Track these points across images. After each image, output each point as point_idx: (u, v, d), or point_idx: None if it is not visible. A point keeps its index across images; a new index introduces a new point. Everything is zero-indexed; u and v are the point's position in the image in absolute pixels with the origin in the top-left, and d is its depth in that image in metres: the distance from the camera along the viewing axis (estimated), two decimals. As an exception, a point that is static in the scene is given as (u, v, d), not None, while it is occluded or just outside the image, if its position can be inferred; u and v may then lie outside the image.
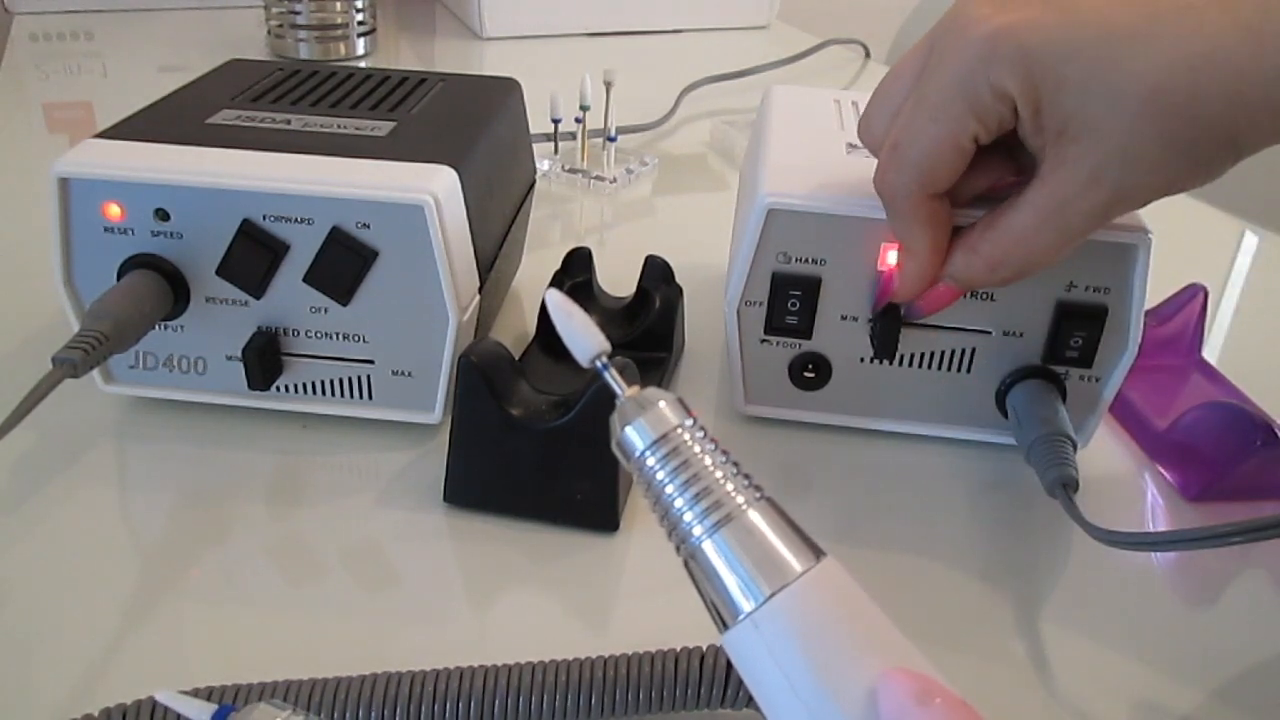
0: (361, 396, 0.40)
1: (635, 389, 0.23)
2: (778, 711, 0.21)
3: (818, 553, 0.22)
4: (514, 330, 0.49)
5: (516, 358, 0.37)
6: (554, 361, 0.44)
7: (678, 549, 0.23)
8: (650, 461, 0.22)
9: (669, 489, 0.22)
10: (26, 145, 0.73)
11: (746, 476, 0.23)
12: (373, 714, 0.27)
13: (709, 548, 0.22)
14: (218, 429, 0.41)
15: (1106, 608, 0.35)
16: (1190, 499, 0.40)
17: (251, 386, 0.39)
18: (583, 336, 0.23)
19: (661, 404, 0.23)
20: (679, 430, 0.23)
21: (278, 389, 0.41)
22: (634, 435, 0.23)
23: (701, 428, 0.23)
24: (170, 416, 0.41)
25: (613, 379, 0.23)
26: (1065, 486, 0.35)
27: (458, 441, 0.36)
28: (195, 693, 0.27)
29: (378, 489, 0.38)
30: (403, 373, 0.40)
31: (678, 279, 0.45)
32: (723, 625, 0.22)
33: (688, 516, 0.22)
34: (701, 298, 0.50)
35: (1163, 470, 0.42)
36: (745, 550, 0.22)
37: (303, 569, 0.35)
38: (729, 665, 0.28)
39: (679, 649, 0.29)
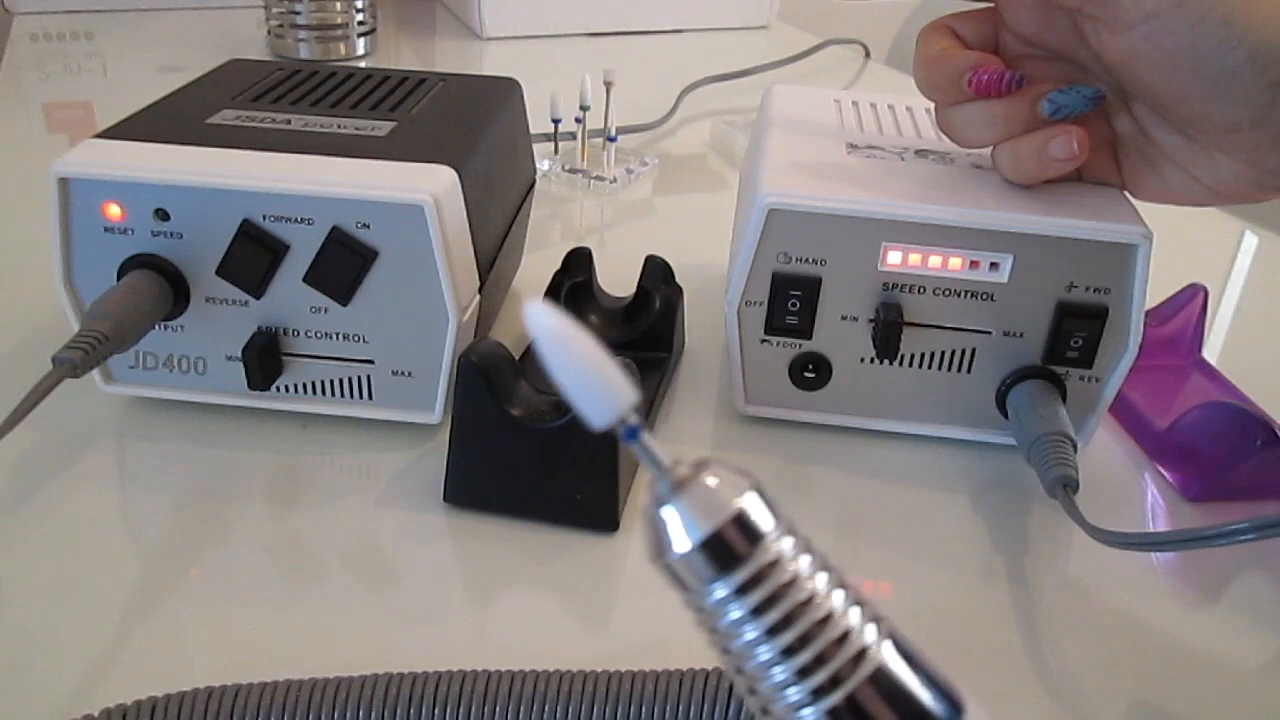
0: (361, 396, 0.40)
1: (687, 468, 0.15)
2: None
3: (960, 696, 0.16)
4: (514, 330, 0.49)
5: (516, 358, 0.37)
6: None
7: (759, 714, 0.16)
8: (720, 594, 0.15)
9: (749, 634, 0.15)
10: (26, 145, 0.73)
11: (863, 604, 0.15)
12: (371, 714, 0.27)
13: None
14: (218, 429, 0.41)
15: (1106, 608, 0.35)
16: (1190, 499, 0.40)
17: (251, 386, 0.39)
18: (596, 384, 0.15)
19: (748, 499, 0.15)
20: (773, 544, 0.14)
21: (278, 389, 0.41)
22: (694, 561, 0.14)
23: (796, 530, 0.15)
24: (170, 416, 0.41)
25: (647, 454, 0.16)
26: (1065, 486, 0.35)
27: (458, 441, 0.36)
28: (185, 695, 0.27)
29: (378, 489, 0.38)
30: (403, 373, 0.40)
31: (678, 279, 0.45)
32: None
33: (784, 678, 0.15)
34: (701, 298, 0.50)
35: (1163, 470, 0.42)
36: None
37: (303, 569, 0.35)
38: (730, 688, 0.27)
39: (685, 670, 0.28)
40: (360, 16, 0.95)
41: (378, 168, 0.38)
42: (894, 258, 0.38)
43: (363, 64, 0.95)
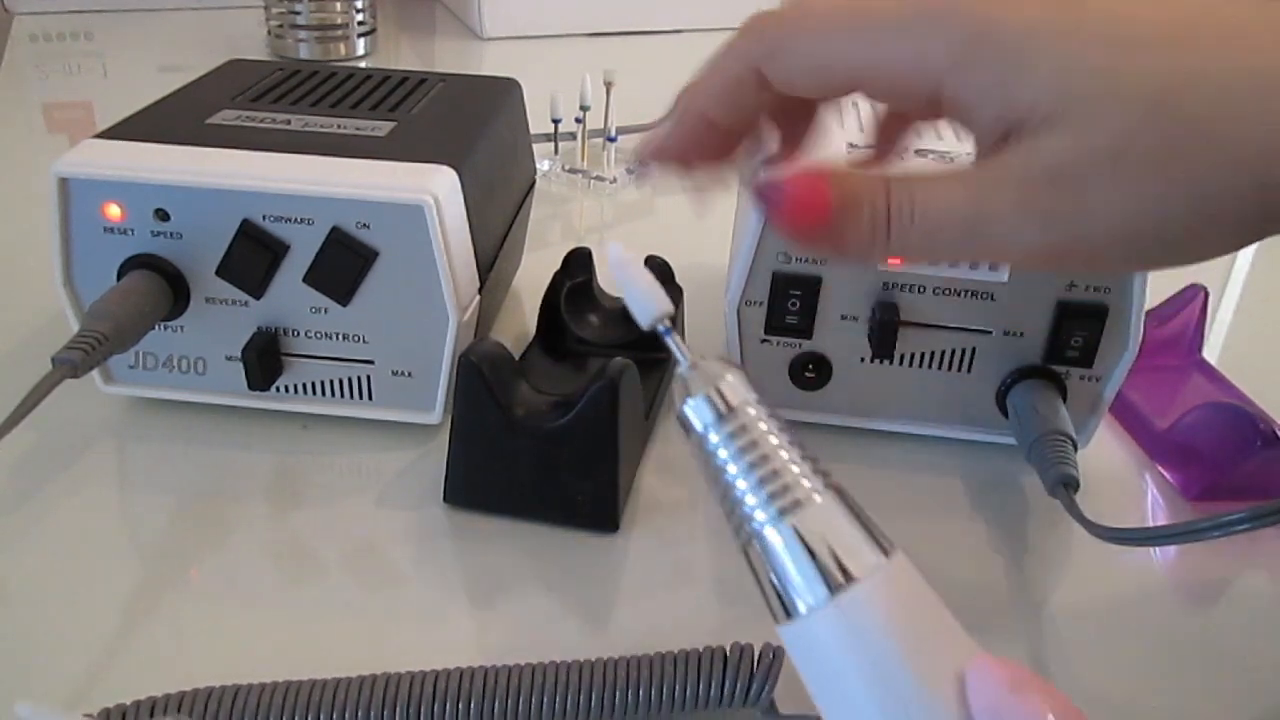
0: (361, 397, 0.40)
1: (699, 360, 0.22)
2: (848, 702, 0.20)
3: (890, 543, 0.22)
4: (514, 330, 0.49)
5: (516, 358, 0.37)
6: (554, 361, 0.44)
7: (736, 533, 0.21)
8: (714, 439, 0.21)
9: (731, 469, 0.21)
10: (26, 145, 0.73)
11: (814, 460, 0.22)
12: (371, 714, 0.27)
13: (780, 534, 0.20)
14: (218, 429, 0.41)
15: (1107, 608, 0.35)
16: (1191, 499, 0.40)
17: (251, 387, 0.39)
18: (646, 296, 0.22)
19: (729, 378, 0.21)
20: (747, 407, 0.21)
21: (278, 389, 0.40)
22: (696, 410, 0.21)
23: (767, 405, 0.22)
24: (170, 416, 0.41)
25: (676, 346, 0.22)
26: (1066, 486, 0.35)
27: (458, 441, 0.36)
28: (185, 695, 0.27)
29: (378, 489, 0.38)
30: (403, 373, 0.40)
31: (678, 279, 0.45)
32: (785, 614, 0.21)
33: (752, 501, 0.21)
34: (701, 298, 0.49)
35: (1163, 470, 0.42)
36: (826, 536, 0.21)
37: (303, 569, 0.35)
38: (739, 665, 0.28)
39: (678, 651, 0.29)
40: (360, 16, 0.95)
41: (378, 168, 0.38)
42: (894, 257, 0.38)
43: (363, 64, 0.95)
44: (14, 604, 0.33)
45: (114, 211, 0.37)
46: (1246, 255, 0.66)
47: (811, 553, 0.20)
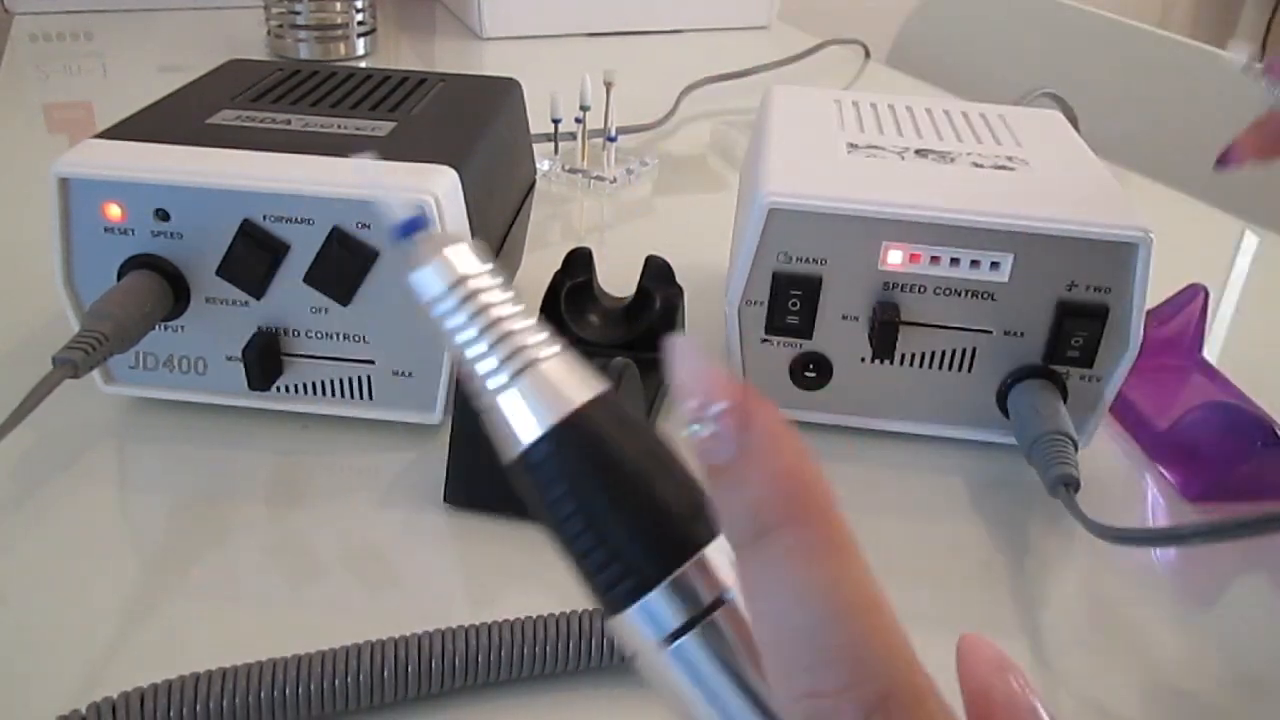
0: (362, 397, 0.40)
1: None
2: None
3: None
4: (514, 330, 0.49)
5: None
6: (554, 361, 0.44)
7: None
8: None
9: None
10: (26, 145, 0.73)
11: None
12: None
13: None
14: (218, 429, 0.41)
15: (1107, 608, 0.35)
16: (1191, 499, 0.40)
17: (252, 387, 0.39)
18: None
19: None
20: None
21: (278, 389, 0.40)
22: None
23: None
24: (170, 416, 0.41)
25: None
26: (1067, 486, 0.35)
27: (458, 441, 0.36)
28: (173, 682, 0.27)
29: (378, 489, 0.38)
30: (403, 373, 0.40)
31: (678, 279, 0.45)
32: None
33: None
34: (702, 298, 0.49)
35: (1163, 470, 0.42)
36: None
37: (303, 569, 0.35)
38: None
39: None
40: (360, 16, 0.95)
41: (378, 168, 0.38)
42: (894, 257, 0.38)
43: (363, 64, 0.95)
44: (14, 604, 0.33)
45: (114, 211, 0.37)
46: (1246, 255, 0.66)
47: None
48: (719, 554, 0.19)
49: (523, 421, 0.20)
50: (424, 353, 0.39)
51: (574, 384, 0.20)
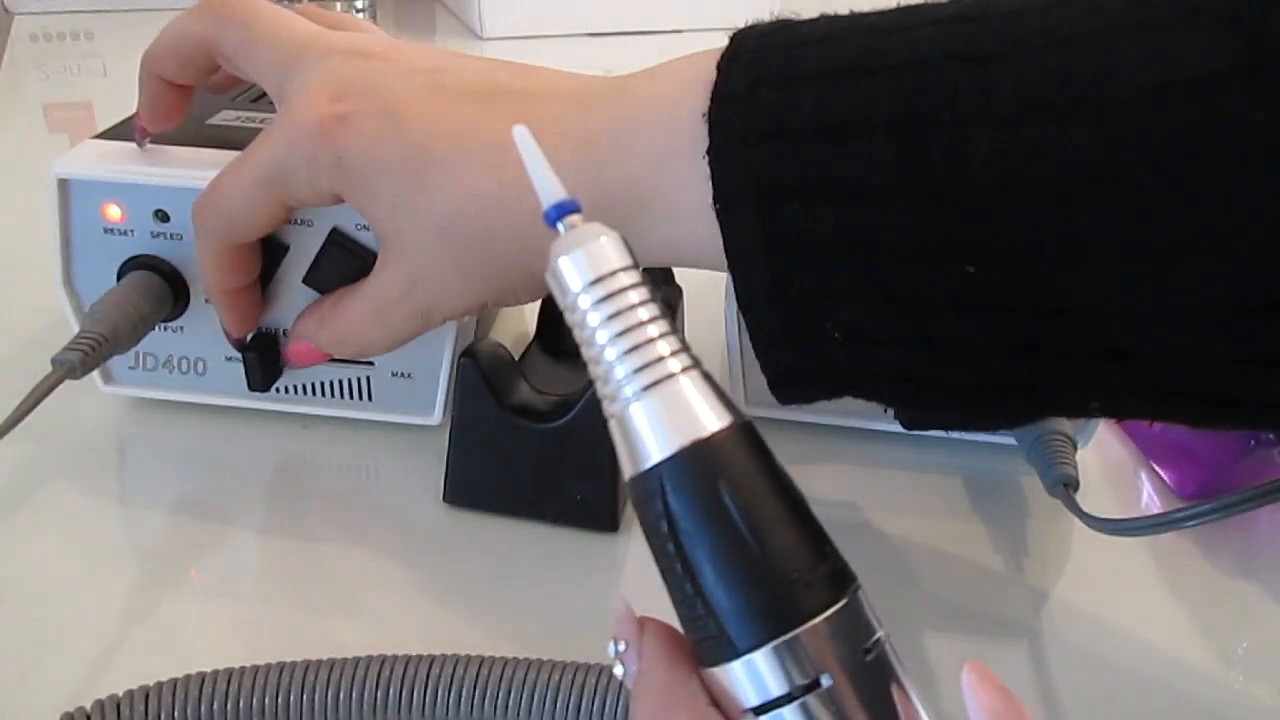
0: (361, 398, 0.40)
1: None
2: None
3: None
4: (514, 330, 0.49)
5: (516, 358, 0.37)
6: (554, 361, 0.44)
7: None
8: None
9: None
10: (26, 145, 0.73)
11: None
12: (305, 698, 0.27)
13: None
14: (217, 429, 0.41)
15: (1108, 607, 0.35)
16: (1185, 498, 0.40)
17: (252, 387, 0.39)
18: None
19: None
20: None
21: (278, 390, 0.40)
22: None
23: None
24: (170, 417, 0.41)
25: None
26: (1067, 485, 0.35)
27: (458, 441, 0.36)
28: (179, 681, 0.27)
29: (378, 489, 0.39)
30: (402, 374, 0.40)
31: (677, 279, 0.45)
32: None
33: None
34: (702, 298, 0.49)
35: (1159, 469, 0.42)
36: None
37: (302, 569, 0.35)
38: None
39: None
40: (360, 17, 0.95)
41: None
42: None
43: (362, 64, 0.95)
44: (14, 604, 0.33)
45: (114, 212, 0.37)
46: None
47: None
48: (829, 627, 0.18)
49: (649, 439, 0.19)
50: (423, 354, 0.39)
51: (708, 407, 0.19)
